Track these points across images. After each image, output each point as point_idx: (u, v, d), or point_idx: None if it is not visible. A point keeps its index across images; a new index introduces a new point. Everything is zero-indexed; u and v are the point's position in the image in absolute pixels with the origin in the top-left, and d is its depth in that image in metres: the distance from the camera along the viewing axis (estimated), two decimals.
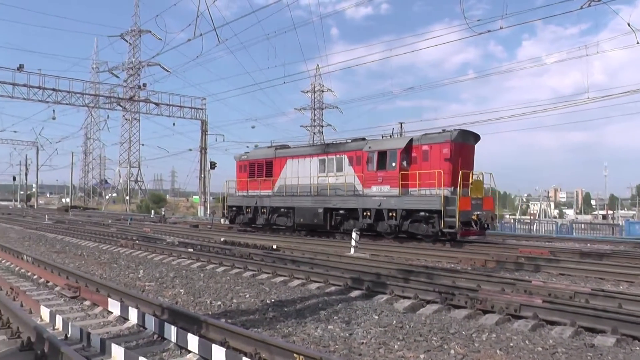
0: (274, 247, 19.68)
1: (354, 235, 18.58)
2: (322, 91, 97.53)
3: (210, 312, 9.11)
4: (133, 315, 8.39)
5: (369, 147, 24.83)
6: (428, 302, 9.63)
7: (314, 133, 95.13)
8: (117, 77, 75.40)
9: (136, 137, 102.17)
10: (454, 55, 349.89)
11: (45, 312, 8.79)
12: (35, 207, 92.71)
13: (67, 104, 49.08)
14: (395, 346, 6.92)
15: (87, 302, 10.13)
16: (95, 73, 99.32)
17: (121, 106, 56.62)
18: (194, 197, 48.62)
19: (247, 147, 49.68)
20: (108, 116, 69.38)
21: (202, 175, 56.78)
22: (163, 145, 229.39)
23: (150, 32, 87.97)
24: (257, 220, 31.00)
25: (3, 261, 17.03)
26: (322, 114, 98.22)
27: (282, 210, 29.14)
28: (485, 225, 22.08)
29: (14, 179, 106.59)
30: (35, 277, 13.63)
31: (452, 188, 21.65)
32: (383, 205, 23.62)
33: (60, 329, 7.88)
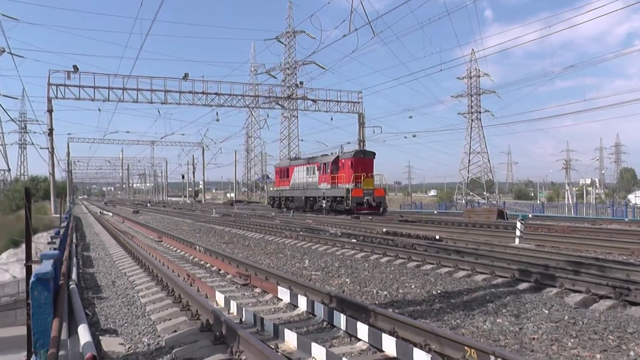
0: (437, 237, 19.56)
1: (518, 225, 18.01)
2: (479, 76, 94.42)
3: (377, 302, 9.29)
4: (302, 302, 8.78)
5: (321, 161, 42.89)
6: (601, 297, 9.10)
7: (472, 120, 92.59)
8: (275, 77, 78.54)
9: (295, 133, 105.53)
10: (617, 25, 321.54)
11: (220, 298, 9.48)
12: (203, 202, 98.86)
13: (229, 106, 52.16)
14: (569, 343, 6.65)
15: (257, 290, 10.77)
16: (254, 75, 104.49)
17: (280, 105, 58.91)
18: None
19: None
20: (268, 115, 72.16)
21: None
22: (321, 140, 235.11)
23: (304, 32, 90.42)
24: (281, 206, 49.10)
25: (178, 251, 18.53)
26: (479, 100, 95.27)
27: (290, 198, 47.56)
28: (378, 206, 37.93)
29: (183, 177, 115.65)
30: (207, 265, 14.70)
31: (354, 184, 37.72)
32: (325, 194, 40.90)
33: (235, 313, 8.47)
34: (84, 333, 6.33)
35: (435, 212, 49.83)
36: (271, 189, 57.90)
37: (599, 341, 6.73)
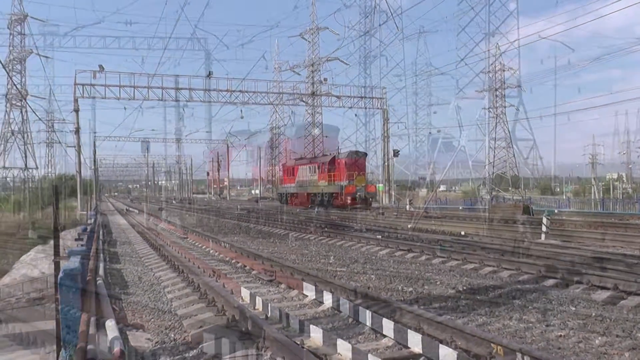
0: (462, 233, 19.44)
1: (544, 220, 17.83)
2: (503, 70, 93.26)
3: (402, 298, 9.25)
4: (328, 299, 8.77)
5: (320, 161, 47.36)
6: (629, 294, 8.95)
7: (496, 115, 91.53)
8: (299, 74, 78.29)
9: (319, 129, 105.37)
10: None
11: (245, 294, 9.49)
12: (228, 198, 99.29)
13: (253, 103, 52.17)
14: (596, 341, 6.57)
15: (282, 286, 10.77)
16: (278, 72, 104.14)
17: (304, 101, 58.89)
18: (378, 184, 49.86)
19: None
20: (292, 112, 72.22)
21: (386, 163, 57.29)
22: (345, 136, 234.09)
23: (327, 28, 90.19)
24: (287, 201, 53.07)
25: (203, 247, 18.61)
26: (504, 95, 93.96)
27: (294, 194, 51.72)
28: (368, 200, 42.67)
29: (208, 174, 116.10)
30: (233, 261, 14.74)
31: (347, 181, 41.58)
32: (323, 190, 45.03)
33: (260, 309, 8.48)
34: (111, 328, 6.41)
35: (460, 208, 49.47)
36: (280, 186, 64.22)
37: (627, 339, 6.64)
